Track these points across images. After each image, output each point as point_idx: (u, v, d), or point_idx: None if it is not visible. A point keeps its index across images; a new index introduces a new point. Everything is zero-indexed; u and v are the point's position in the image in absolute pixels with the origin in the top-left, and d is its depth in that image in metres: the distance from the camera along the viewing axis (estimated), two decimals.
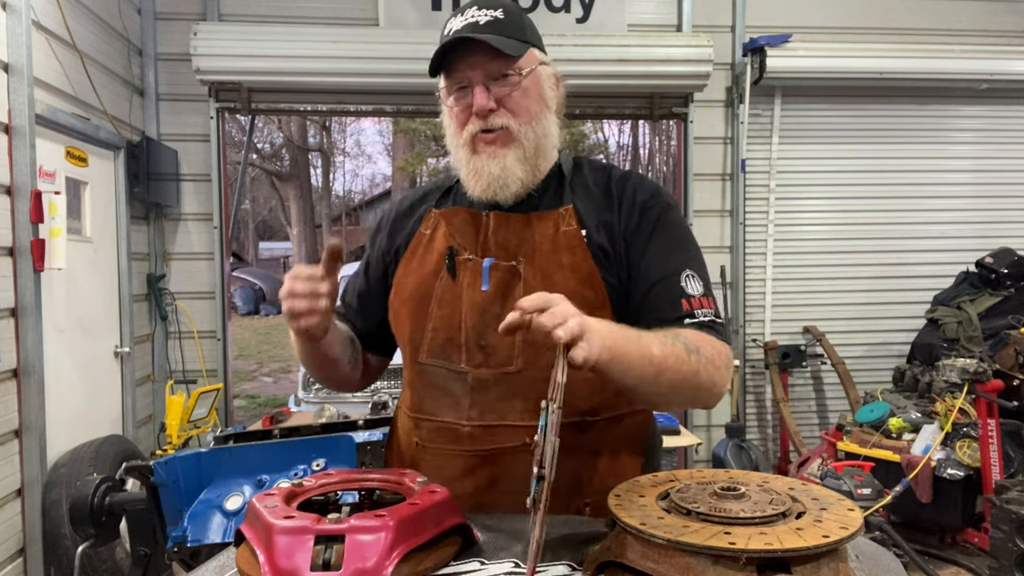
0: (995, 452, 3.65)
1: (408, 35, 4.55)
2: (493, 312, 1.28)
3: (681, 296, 1.28)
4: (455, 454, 1.30)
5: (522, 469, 1.22)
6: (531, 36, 1.34)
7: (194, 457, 1.74)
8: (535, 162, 1.33)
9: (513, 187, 1.31)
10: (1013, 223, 5.23)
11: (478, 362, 1.29)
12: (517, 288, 1.29)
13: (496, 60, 1.27)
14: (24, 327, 3.18)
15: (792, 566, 0.74)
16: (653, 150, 19.41)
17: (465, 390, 1.30)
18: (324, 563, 0.90)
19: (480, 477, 1.28)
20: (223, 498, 1.72)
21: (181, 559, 1.71)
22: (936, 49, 4.92)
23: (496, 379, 1.28)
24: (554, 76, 1.39)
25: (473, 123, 1.30)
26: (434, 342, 1.33)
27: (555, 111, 1.38)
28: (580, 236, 1.31)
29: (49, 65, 3.50)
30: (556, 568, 0.98)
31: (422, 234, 1.40)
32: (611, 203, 1.35)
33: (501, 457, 1.28)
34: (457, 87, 1.31)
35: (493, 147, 1.30)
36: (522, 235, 1.32)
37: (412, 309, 1.36)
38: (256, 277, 19.53)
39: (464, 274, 1.32)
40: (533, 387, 1.25)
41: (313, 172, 23.00)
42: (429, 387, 1.35)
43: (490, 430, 1.28)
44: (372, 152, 36.16)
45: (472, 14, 1.29)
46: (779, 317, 5.12)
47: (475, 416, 1.29)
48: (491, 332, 1.28)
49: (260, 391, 9.63)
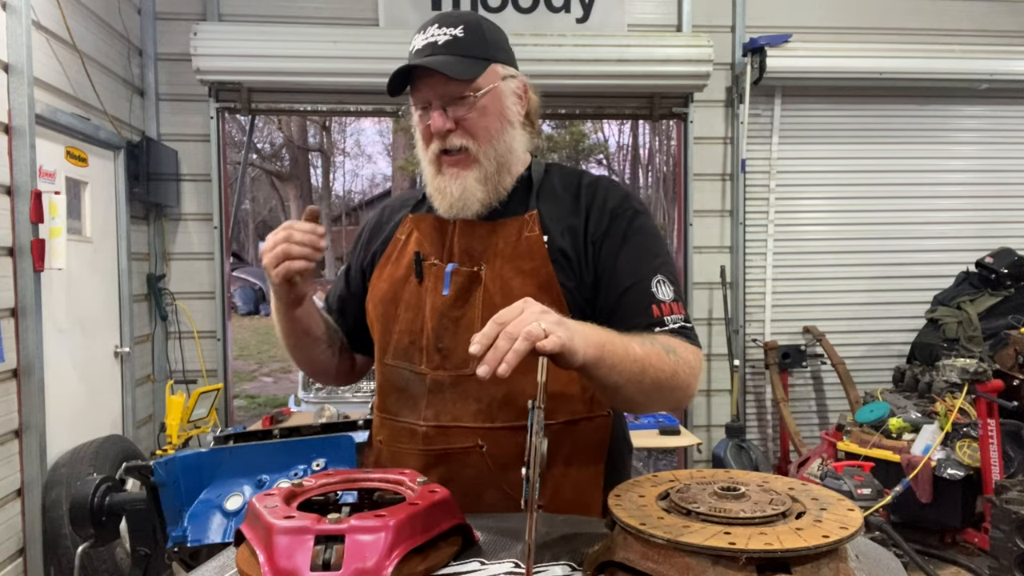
0: (995, 452, 3.65)
1: (408, 35, 4.50)
2: (452, 316, 1.32)
3: (651, 302, 1.28)
4: (411, 453, 1.33)
5: (473, 470, 1.28)
6: (492, 51, 1.34)
7: (194, 457, 1.74)
8: (496, 180, 1.35)
9: (473, 207, 1.34)
10: (1013, 223, 5.23)
11: (436, 364, 1.33)
12: (476, 293, 1.32)
13: (451, 83, 1.29)
14: (24, 327, 3.18)
15: (792, 566, 0.74)
16: (653, 150, 19.40)
17: (423, 391, 1.34)
18: (324, 563, 0.90)
19: (432, 475, 1.27)
20: (223, 498, 1.72)
21: (181, 559, 1.71)
22: (936, 49, 4.92)
23: (452, 381, 1.31)
24: (521, 86, 1.39)
25: (434, 143, 1.33)
26: (399, 344, 1.37)
27: (521, 122, 1.39)
28: (541, 242, 1.32)
29: (49, 65, 3.50)
30: (556, 568, 0.98)
31: (397, 239, 1.44)
32: (579, 207, 1.36)
33: (454, 457, 1.31)
34: (420, 106, 1.35)
35: (455, 168, 1.33)
36: (486, 241, 1.35)
37: (382, 312, 1.40)
38: (256, 277, 19.50)
39: (429, 279, 1.36)
40: (487, 390, 1.29)
41: (313, 172, 23.01)
42: (393, 388, 1.39)
43: (444, 431, 1.31)
44: (372, 152, 36.11)
45: (432, 33, 1.32)
46: (779, 317, 5.12)
47: (431, 417, 1.32)
48: (448, 335, 1.31)
49: (260, 391, 9.63)
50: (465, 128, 1.31)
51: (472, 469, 1.29)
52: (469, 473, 1.28)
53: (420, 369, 1.34)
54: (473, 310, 1.31)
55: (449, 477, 1.29)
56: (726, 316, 4.92)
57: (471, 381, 1.28)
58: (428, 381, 1.33)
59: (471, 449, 1.30)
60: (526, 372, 1.26)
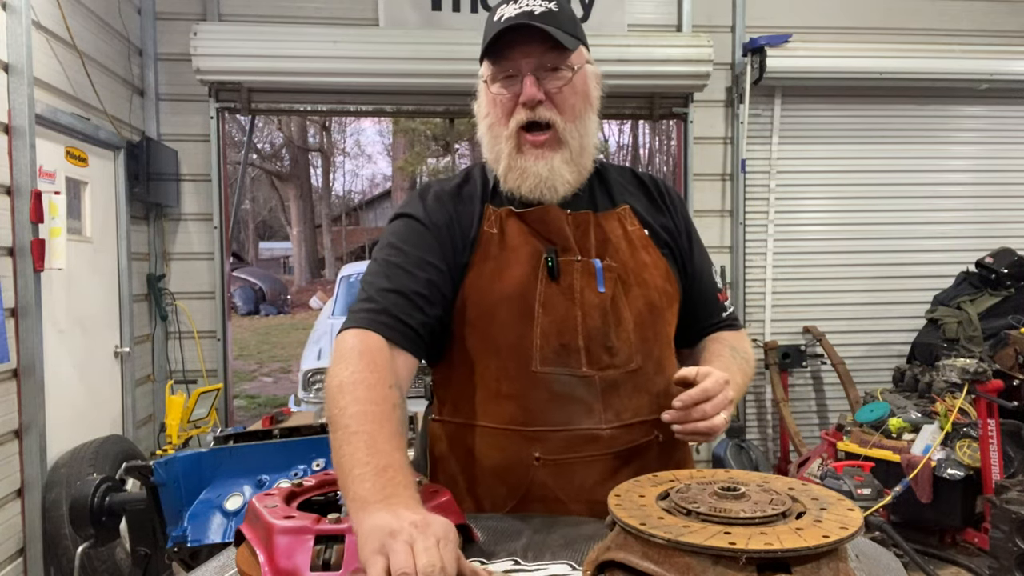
0: (995, 452, 3.65)
1: (408, 35, 4.55)
2: (613, 313, 1.29)
3: (716, 290, 1.46)
4: (593, 460, 1.25)
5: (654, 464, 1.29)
6: (581, 33, 1.32)
7: (194, 457, 1.74)
8: (580, 162, 1.30)
9: (561, 189, 1.28)
10: (1013, 223, 5.23)
11: (604, 364, 1.27)
12: (621, 288, 1.31)
13: (550, 52, 1.24)
14: (24, 327, 3.18)
15: (792, 566, 0.74)
16: (653, 150, 19.41)
17: (595, 394, 1.26)
18: (324, 563, 0.90)
19: (623, 476, 1.21)
20: (223, 498, 1.72)
21: (181, 559, 1.71)
22: (936, 49, 4.92)
23: (623, 379, 1.28)
24: (598, 76, 1.37)
25: (520, 113, 1.25)
26: (546, 348, 1.25)
27: (597, 111, 1.36)
28: (646, 235, 1.35)
29: (49, 65, 3.50)
30: (556, 568, 0.98)
31: (489, 234, 1.30)
32: (658, 207, 1.41)
33: (637, 453, 1.30)
34: (504, 75, 1.27)
35: (540, 150, 1.26)
36: (601, 234, 1.32)
37: (508, 316, 1.26)
38: (256, 277, 19.53)
39: (570, 276, 1.27)
40: (652, 381, 1.31)
41: (313, 172, 23.03)
42: (552, 397, 1.26)
43: (627, 428, 1.28)
44: (372, 152, 36.17)
45: (527, 3, 1.24)
46: (779, 317, 5.12)
47: (612, 418, 1.27)
48: (613, 333, 1.28)
49: (260, 391, 9.63)
50: (555, 102, 1.26)
51: (654, 462, 1.29)
52: (652, 466, 1.22)
53: (584, 372, 1.26)
54: (625, 304, 1.30)
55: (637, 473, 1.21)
56: None
57: (639, 375, 1.30)
58: (599, 382, 1.26)
59: (651, 442, 1.30)
60: (671, 360, 1.39)
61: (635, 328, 1.29)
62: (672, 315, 1.37)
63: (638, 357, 1.29)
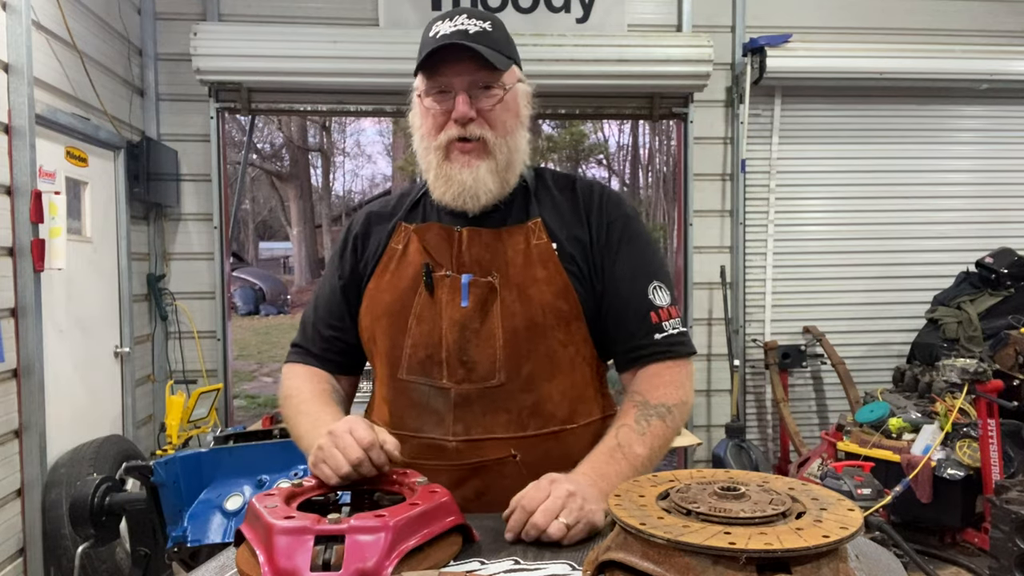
0: (995, 452, 3.65)
1: (408, 35, 4.54)
2: (473, 328, 1.30)
3: (650, 309, 1.33)
4: (441, 469, 1.29)
5: (509, 480, 1.25)
6: (513, 53, 1.36)
7: (194, 457, 1.74)
8: (505, 175, 1.34)
9: (484, 198, 1.32)
10: (1013, 223, 5.22)
11: (460, 377, 1.30)
12: (495, 303, 1.30)
13: (482, 71, 1.28)
14: (24, 327, 3.18)
15: (792, 566, 0.74)
16: (653, 150, 19.39)
17: (448, 406, 1.31)
18: (324, 563, 0.90)
19: (468, 489, 1.29)
20: (223, 498, 1.72)
21: (181, 559, 1.71)
22: (936, 49, 4.92)
23: (479, 394, 1.30)
24: (528, 94, 1.40)
25: (451, 129, 1.30)
26: (413, 358, 1.33)
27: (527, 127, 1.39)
28: (551, 249, 1.33)
29: (49, 65, 3.50)
30: (556, 568, 0.98)
31: (393, 249, 1.39)
32: (580, 216, 1.38)
33: (487, 469, 1.30)
34: (437, 90, 1.31)
35: (467, 156, 1.31)
36: (495, 250, 1.33)
37: (389, 325, 1.36)
38: (256, 277, 19.52)
39: (442, 290, 1.32)
40: (516, 399, 1.29)
41: (313, 172, 23.00)
42: (411, 404, 1.34)
43: (476, 444, 1.30)
44: (372, 152, 36.14)
45: (462, 22, 1.29)
46: (779, 317, 5.12)
47: (460, 431, 1.30)
48: (472, 348, 1.30)
49: (260, 391, 9.62)
50: (486, 119, 1.30)
51: (508, 479, 1.27)
52: (505, 483, 1.24)
53: (442, 384, 1.31)
54: (493, 320, 1.30)
55: (484, 489, 1.29)
56: (726, 316, 4.92)
57: (498, 392, 1.29)
58: (453, 395, 1.30)
59: (505, 459, 1.29)
60: (551, 379, 1.32)
61: (504, 345, 1.29)
62: (566, 333, 1.32)
63: (501, 374, 1.29)
